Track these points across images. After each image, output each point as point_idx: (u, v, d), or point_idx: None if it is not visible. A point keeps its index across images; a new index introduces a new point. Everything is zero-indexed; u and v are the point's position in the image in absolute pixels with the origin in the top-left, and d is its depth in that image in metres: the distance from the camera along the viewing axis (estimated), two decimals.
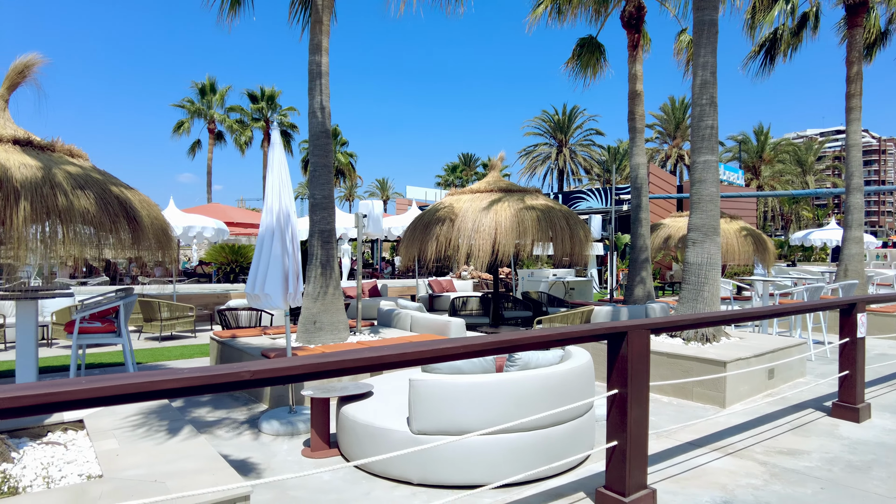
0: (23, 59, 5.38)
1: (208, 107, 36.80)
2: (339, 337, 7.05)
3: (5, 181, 4.57)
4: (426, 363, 2.35)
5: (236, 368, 1.87)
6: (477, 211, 9.19)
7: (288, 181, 5.22)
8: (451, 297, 12.71)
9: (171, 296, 12.20)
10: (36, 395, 1.62)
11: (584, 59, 12.23)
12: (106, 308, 6.20)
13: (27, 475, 2.93)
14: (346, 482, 3.98)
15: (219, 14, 8.74)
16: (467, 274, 19.73)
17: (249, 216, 19.53)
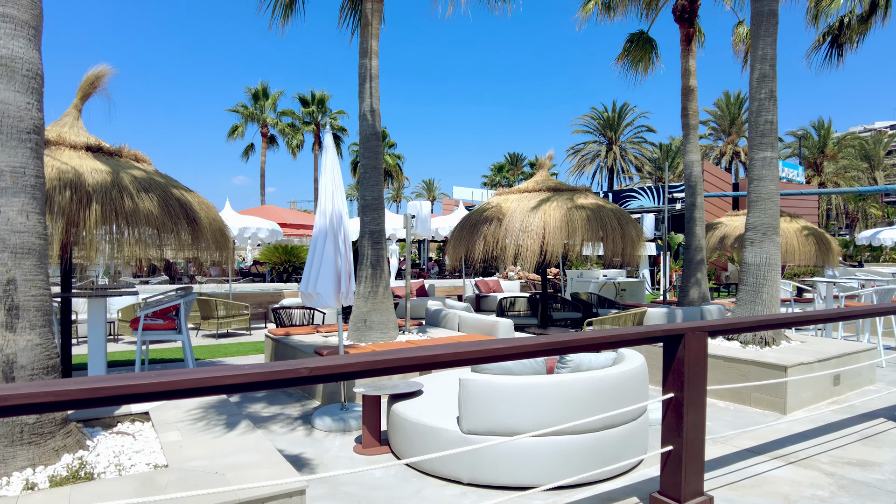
0: (94, 71, 5.69)
1: (261, 111, 37.90)
2: (388, 336, 7.15)
3: (79, 186, 4.85)
4: (478, 363, 2.36)
5: (295, 365, 1.92)
6: (525, 211, 9.13)
7: (340, 183, 5.33)
8: (498, 298, 12.67)
9: (227, 294, 12.65)
10: (112, 388, 1.71)
11: (634, 55, 11.98)
12: (167, 306, 6.49)
13: (101, 462, 3.10)
14: (398, 479, 4.03)
15: (271, 20, 8.98)
16: (514, 274, 19.62)
17: (301, 217, 20.01)
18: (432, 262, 26.87)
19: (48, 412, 2.51)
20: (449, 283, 17.94)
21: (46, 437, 3.09)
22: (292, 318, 8.77)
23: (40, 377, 3.07)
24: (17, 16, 2.98)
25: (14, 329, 2.95)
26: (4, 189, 2.91)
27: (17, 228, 2.95)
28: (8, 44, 2.95)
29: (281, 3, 8.79)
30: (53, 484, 2.84)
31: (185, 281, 17.12)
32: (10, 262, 2.94)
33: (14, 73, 2.96)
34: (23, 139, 2.98)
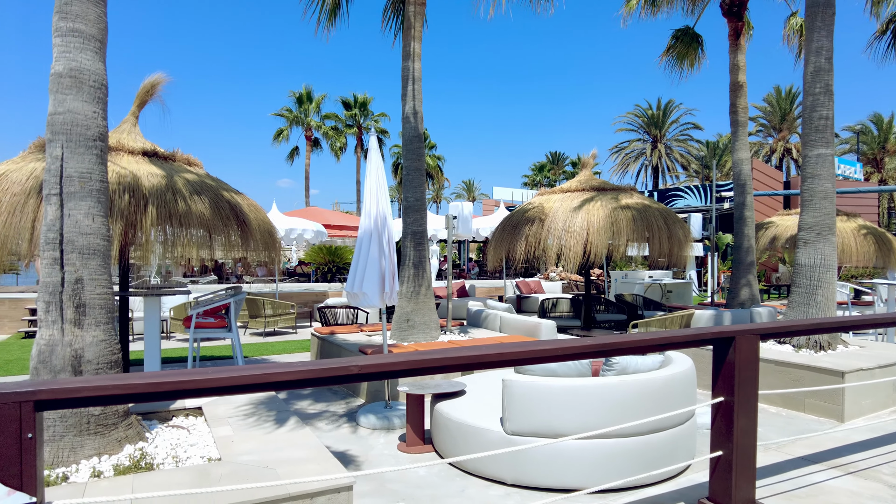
0: (150, 79, 5.94)
1: (305, 115, 38.69)
2: (430, 335, 7.20)
3: (136, 189, 5.07)
4: (523, 364, 2.37)
5: (346, 363, 1.97)
6: (568, 210, 9.05)
7: (385, 185, 5.40)
8: (539, 299, 12.58)
9: (273, 294, 12.98)
10: (174, 382, 1.80)
11: (679, 51, 11.71)
12: (218, 305, 6.71)
13: (159, 454, 3.25)
14: (441, 478, 4.06)
15: (317, 26, 9.17)
16: (556, 275, 19.44)
17: (345, 219, 20.34)
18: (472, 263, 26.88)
19: (116, 404, 2.65)
20: (489, 283, 17.91)
21: (110, 428, 3.26)
22: (337, 318, 8.94)
23: (104, 371, 3.23)
24: (85, 30, 3.16)
25: (81, 325, 3.13)
26: (73, 193, 3.09)
27: (84, 230, 3.13)
28: (77, 57, 3.13)
29: (325, 9, 8.97)
30: (117, 472, 3.00)
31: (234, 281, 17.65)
32: (77, 263, 3.11)
33: (82, 85, 3.14)
34: (89, 146, 3.15)
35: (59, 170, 3.07)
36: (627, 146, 49.81)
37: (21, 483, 1.74)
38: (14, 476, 1.73)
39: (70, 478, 2.95)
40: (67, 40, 3.15)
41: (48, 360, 3.07)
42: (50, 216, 3.10)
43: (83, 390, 1.81)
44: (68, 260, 3.08)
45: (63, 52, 3.14)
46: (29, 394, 1.72)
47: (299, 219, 14.85)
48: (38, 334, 3.16)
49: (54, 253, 3.07)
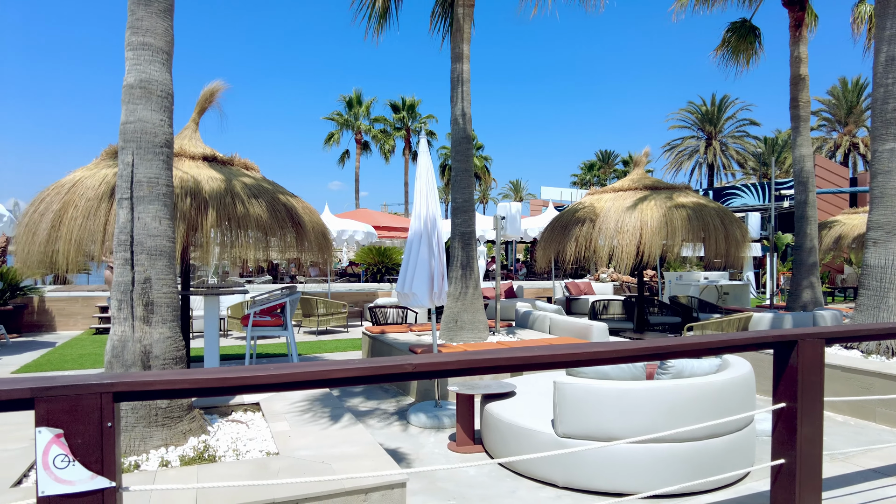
0: (210, 87, 6.19)
1: (355, 118, 39.38)
2: (479, 336, 7.22)
3: (197, 193, 5.30)
4: (576, 366, 2.35)
5: (399, 361, 2.02)
6: (620, 210, 8.88)
7: (434, 187, 5.46)
8: (590, 301, 12.41)
9: (325, 294, 13.27)
10: (239, 378, 1.89)
11: (735, 45, 11.32)
12: (274, 304, 6.93)
13: (221, 446, 3.39)
14: (492, 478, 4.07)
15: (366, 31, 9.32)
16: (607, 276, 19.09)
17: (394, 220, 20.59)
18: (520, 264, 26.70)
19: (185, 397, 2.78)
20: (537, 284, 17.76)
21: (176, 420, 3.42)
22: (387, 317, 9.07)
23: (170, 366, 3.40)
24: (153, 43, 3.34)
25: (150, 322, 3.30)
26: (142, 197, 3.27)
27: (152, 232, 3.30)
28: (146, 68, 3.31)
29: (375, 14, 9.11)
30: (183, 463, 3.15)
31: (287, 281, 18.15)
32: (146, 263, 3.29)
33: (150, 94, 3.32)
34: (157, 152, 3.33)
35: (130, 175, 3.26)
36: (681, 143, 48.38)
37: (102, 468, 1.85)
38: (96, 461, 1.85)
39: (141, 466, 3.12)
40: (138, 53, 3.34)
41: (121, 355, 3.26)
42: (121, 219, 3.29)
43: (155, 384, 1.92)
44: (138, 261, 3.26)
45: (134, 65, 3.33)
46: (108, 385, 1.83)
47: (350, 220, 15.14)
48: (111, 330, 3.36)
49: (125, 254, 3.25)
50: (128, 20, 3.42)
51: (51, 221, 5.04)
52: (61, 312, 12.13)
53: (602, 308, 11.46)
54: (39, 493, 1.70)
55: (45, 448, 1.76)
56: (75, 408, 1.82)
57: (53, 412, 1.78)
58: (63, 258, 5.00)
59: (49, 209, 5.11)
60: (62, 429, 1.79)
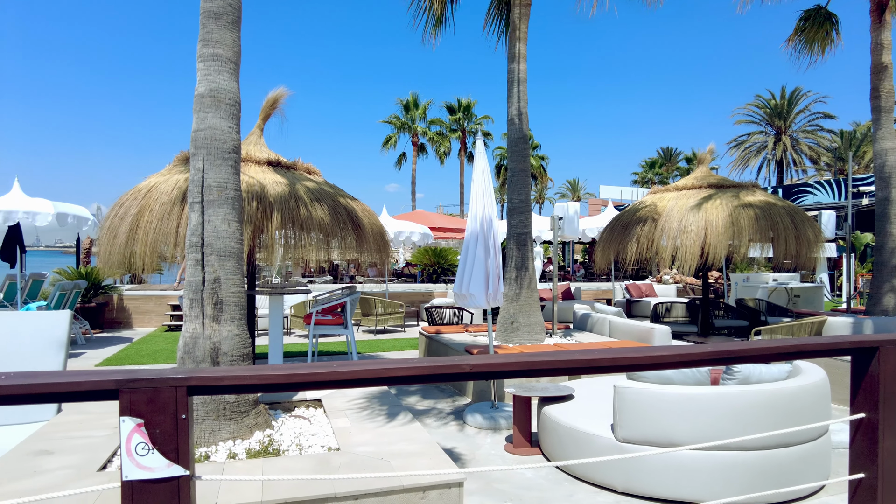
0: (273, 94, 6.41)
1: (412, 121, 39.83)
2: (535, 338, 7.15)
3: (263, 197, 5.50)
4: (638, 370, 2.30)
5: (458, 361, 2.03)
6: (684, 209, 8.60)
7: (490, 188, 5.46)
8: (651, 303, 12.07)
9: (383, 294, 13.49)
10: (305, 374, 1.95)
11: (809, 34, 10.72)
12: (335, 303, 7.11)
13: (285, 441, 3.51)
14: (549, 481, 4.03)
15: (423, 34, 9.42)
16: (669, 278, 18.50)
17: (449, 221, 20.70)
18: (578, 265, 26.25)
19: (253, 393, 2.89)
20: (596, 286, 17.41)
21: (242, 415, 3.57)
22: (443, 317, 9.13)
23: (237, 363, 3.55)
24: (222, 54, 3.50)
25: (219, 321, 3.46)
26: (212, 201, 3.43)
27: (221, 235, 3.46)
28: (216, 78, 3.47)
29: (432, 17, 9.20)
30: (249, 455, 3.28)
31: (347, 281, 18.55)
32: (216, 264, 3.45)
33: (220, 103, 3.48)
34: (225, 158, 3.49)
35: (201, 180, 3.43)
36: (747, 139, 46.27)
37: (177, 457, 1.95)
38: (172, 450, 1.95)
39: (211, 457, 3.27)
40: (208, 64, 3.51)
41: (192, 351, 3.43)
42: (193, 222, 3.47)
43: (225, 379, 2.01)
44: (208, 261, 3.43)
45: (205, 75, 3.50)
46: (183, 379, 1.93)
47: (407, 222, 15.33)
48: (183, 328, 3.54)
49: (196, 255, 3.42)
50: (199, 33, 3.60)
51: (129, 225, 5.35)
52: (137, 310, 12.86)
53: (664, 311, 11.12)
54: (123, 478, 1.81)
55: (128, 436, 1.88)
56: (154, 399, 1.92)
57: (135, 403, 1.89)
58: (140, 259, 5.31)
59: (128, 213, 5.43)
60: (142, 419, 1.91)
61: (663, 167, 52.41)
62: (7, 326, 4.22)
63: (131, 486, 1.89)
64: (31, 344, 4.20)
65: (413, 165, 40.04)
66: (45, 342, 4.23)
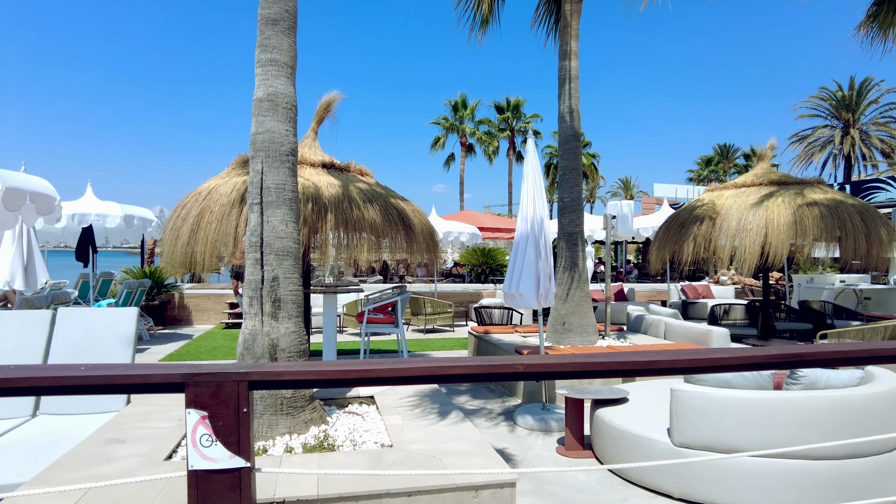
0: (327, 97, 6.56)
1: (460, 122, 39.89)
2: (587, 340, 7.04)
3: (318, 198, 5.64)
4: (698, 372, 2.23)
5: (511, 361, 2.02)
6: (743, 208, 8.28)
7: (542, 187, 5.41)
8: (709, 305, 11.68)
9: (432, 293, 13.58)
10: (360, 371, 1.99)
11: (883, 19, 10.11)
12: (386, 302, 7.21)
13: (339, 436, 3.59)
14: (602, 485, 3.97)
15: (469, 34, 9.41)
16: (727, 279, 17.85)
17: (498, 221, 20.64)
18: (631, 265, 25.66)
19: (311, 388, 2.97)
20: (650, 287, 16.98)
21: (298, 410, 3.67)
22: (492, 317, 9.11)
23: (294, 359, 3.65)
24: (279, 59, 3.61)
25: (277, 318, 3.57)
26: (270, 202, 3.54)
27: (280, 235, 3.56)
28: (273, 83, 3.58)
29: (479, 17, 9.19)
30: (305, 450, 3.37)
31: (396, 280, 18.77)
32: (274, 263, 3.56)
33: (277, 107, 3.59)
34: (283, 161, 3.59)
35: (260, 182, 3.54)
36: (811, 134, 44.08)
37: (238, 449, 2.03)
38: (233, 443, 2.03)
39: (268, 451, 3.38)
40: (266, 69, 3.62)
41: (251, 347, 3.55)
42: (252, 223, 3.59)
43: (285, 374, 2.07)
44: (267, 261, 3.54)
45: (263, 80, 3.62)
46: (245, 374, 2.01)
47: (455, 222, 15.37)
48: (243, 324, 3.67)
49: (256, 254, 3.54)
50: (257, 39, 3.72)
51: (191, 226, 5.58)
52: (197, 308, 13.39)
53: (722, 313, 10.75)
54: (189, 468, 1.89)
55: (194, 427, 1.96)
56: (217, 393, 2.00)
57: (199, 396, 1.98)
58: (200, 259, 5.53)
59: (189, 214, 5.66)
60: (206, 411, 1.99)
61: (720, 164, 50.61)
62: (84, 322, 4.48)
63: (196, 476, 1.97)
64: (103, 339, 4.45)
65: (461, 166, 40.10)
66: (116, 337, 4.47)
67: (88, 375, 1.88)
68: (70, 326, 4.50)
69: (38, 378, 1.83)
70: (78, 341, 4.43)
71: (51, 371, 1.86)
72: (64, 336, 4.45)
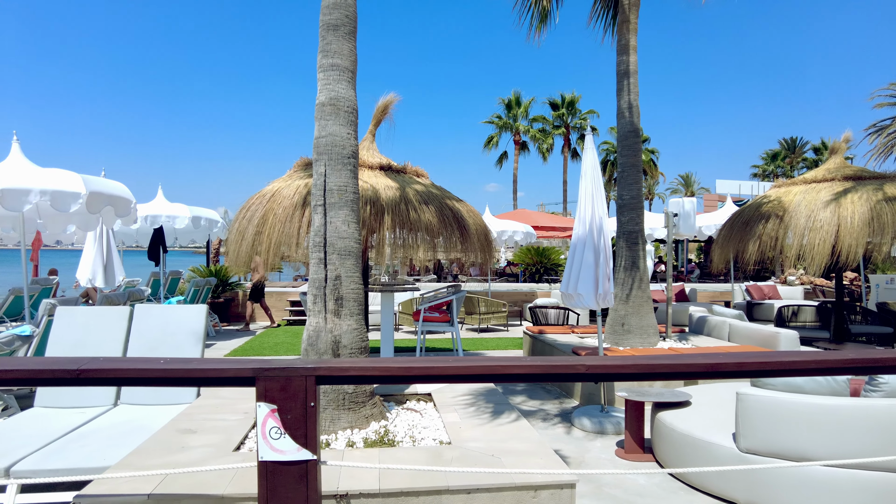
0: (384, 100, 6.66)
1: (514, 120, 39.64)
2: (648, 341, 6.88)
3: (376, 200, 5.75)
4: (767, 375, 2.16)
5: (572, 361, 2.02)
6: (814, 204, 7.88)
7: (601, 185, 5.33)
8: (775, 306, 11.18)
9: (485, 293, 13.57)
10: (421, 367, 2.03)
11: None
12: (442, 301, 7.27)
13: (399, 432, 3.66)
14: (663, 489, 3.88)
15: (529, 32, 9.35)
16: (795, 279, 17.02)
17: (552, 220, 20.40)
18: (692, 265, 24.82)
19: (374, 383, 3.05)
20: (712, 287, 16.39)
21: (360, 405, 3.76)
22: (548, 318, 9.03)
23: (356, 355, 3.75)
24: (341, 64, 3.71)
25: (339, 315, 3.67)
26: (333, 204, 3.65)
27: (342, 235, 3.67)
28: (335, 87, 3.69)
29: (537, 15, 9.12)
30: (366, 445, 3.45)
31: (450, 279, 18.86)
32: (337, 262, 3.66)
33: (339, 111, 3.69)
34: (345, 163, 3.69)
35: (323, 184, 3.65)
36: (891, 125, 41.26)
37: (305, 442, 2.11)
38: (301, 436, 2.11)
39: (330, 445, 3.48)
40: (328, 74, 3.73)
41: (315, 343, 3.67)
42: (316, 223, 3.70)
43: (350, 370, 2.14)
44: (330, 260, 3.65)
45: (325, 85, 3.73)
46: (312, 370, 2.09)
47: (509, 221, 15.30)
48: (307, 322, 3.79)
49: (319, 254, 3.65)
50: (319, 45, 3.84)
51: (255, 227, 5.80)
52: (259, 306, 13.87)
53: (791, 314, 10.26)
54: (259, 458, 1.99)
55: (264, 420, 2.06)
56: (286, 387, 2.09)
57: (269, 390, 2.07)
58: (264, 258, 5.73)
59: (254, 216, 5.88)
60: (276, 405, 2.08)
61: (786, 159, 48.19)
62: (158, 318, 4.75)
63: (266, 467, 2.06)
64: (176, 334, 4.70)
65: (515, 164, 39.85)
66: (187, 333, 4.72)
67: (168, 368, 2.00)
68: (146, 322, 4.78)
69: (126, 370, 1.97)
70: (153, 336, 4.70)
71: (135, 364, 2.00)
72: (140, 331, 4.73)
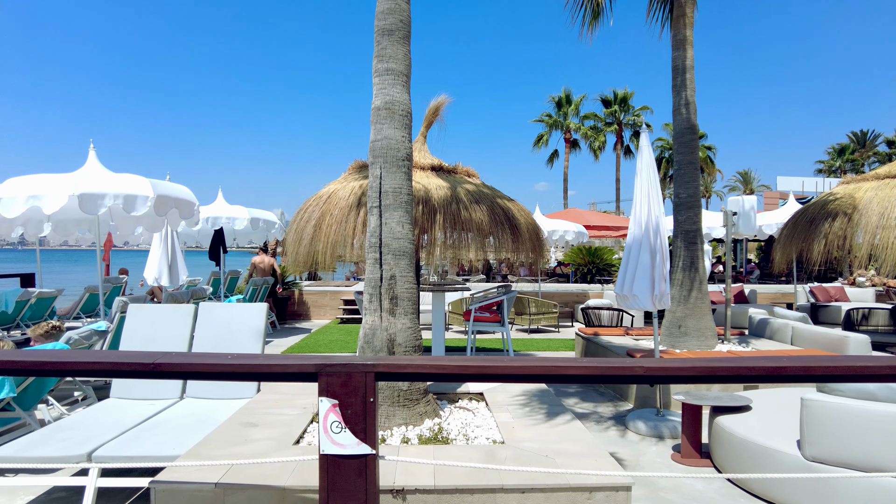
0: (435, 102, 6.74)
1: (564, 118, 39.11)
2: (705, 344, 6.69)
3: (428, 200, 5.82)
4: (836, 380, 2.08)
5: (630, 363, 2.01)
6: (888, 201, 7.45)
7: (657, 184, 5.22)
8: (843, 308, 10.64)
9: (536, 293, 13.48)
10: (477, 367, 2.07)
11: None
12: (493, 301, 7.28)
13: (452, 430, 3.71)
14: (722, 496, 3.78)
15: (581, 29, 9.22)
16: (866, 280, 16.12)
17: (605, 219, 20.03)
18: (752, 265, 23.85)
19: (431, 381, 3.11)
20: (774, 288, 15.72)
21: (414, 402, 3.84)
22: (601, 319, 8.90)
23: (410, 353, 3.82)
24: (396, 68, 3.79)
25: (394, 314, 3.75)
26: (388, 205, 3.73)
27: (396, 235, 3.75)
28: (390, 91, 3.77)
29: (589, 12, 8.99)
30: (420, 441, 3.52)
31: (500, 279, 18.81)
32: (391, 262, 3.74)
33: (394, 115, 3.77)
34: (399, 165, 3.77)
35: (379, 187, 3.74)
36: None
37: (365, 437, 2.18)
38: (360, 431, 2.19)
39: (386, 441, 3.56)
40: (383, 78, 3.82)
41: (371, 341, 3.77)
42: (372, 225, 3.80)
43: (408, 367, 2.20)
44: (385, 260, 3.73)
45: (380, 89, 3.82)
46: (372, 366, 2.16)
47: (560, 220, 15.12)
48: (363, 320, 3.89)
49: (375, 254, 3.75)
50: (374, 50, 3.93)
51: (313, 227, 5.98)
52: (314, 304, 14.25)
53: (861, 317, 9.74)
54: (321, 452, 2.07)
55: (325, 414, 2.14)
56: (347, 383, 2.17)
57: (331, 385, 2.15)
58: (321, 258, 5.90)
59: (312, 217, 6.07)
60: (337, 400, 2.16)
61: (856, 153, 45.68)
62: (221, 316, 4.97)
63: (327, 460, 2.15)
64: (237, 331, 4.91)
65: (565, 162, 39.31)
66: (248, 330, 4.91)
67: (236, 363, 2.11)
68: (209, 319, 5.01)
69: (196, 364, 2.09)
70: (216, 332, 4.92)
71: (205, 359, 2.11)
72: (204, 327, 4.97)
